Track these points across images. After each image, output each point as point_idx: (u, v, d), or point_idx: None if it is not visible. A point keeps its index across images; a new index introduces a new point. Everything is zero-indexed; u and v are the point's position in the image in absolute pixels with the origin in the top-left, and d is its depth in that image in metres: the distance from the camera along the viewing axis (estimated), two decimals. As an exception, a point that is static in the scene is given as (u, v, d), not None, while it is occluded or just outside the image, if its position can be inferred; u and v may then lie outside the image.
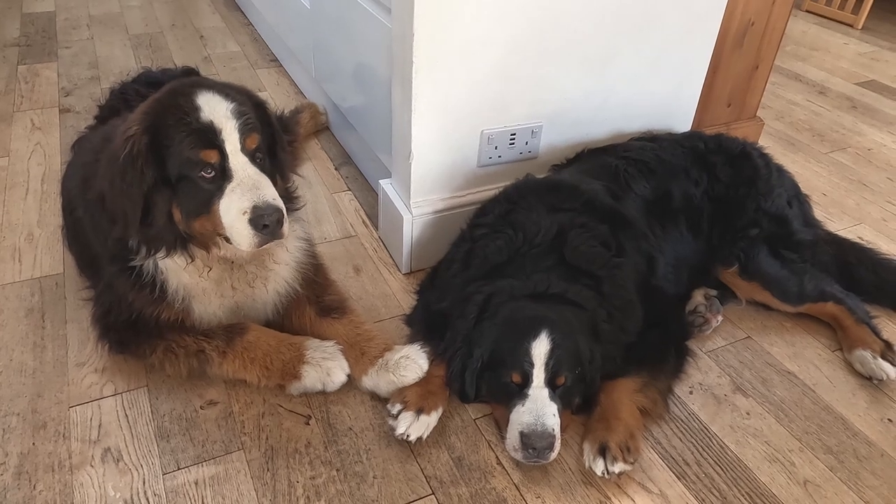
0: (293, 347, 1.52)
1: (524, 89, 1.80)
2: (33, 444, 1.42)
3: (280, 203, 1.34)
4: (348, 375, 1.52)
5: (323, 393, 1.52)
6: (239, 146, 1.33)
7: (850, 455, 1.48)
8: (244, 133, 1.34)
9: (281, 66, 3.17)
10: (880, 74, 3.49)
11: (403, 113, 1.74)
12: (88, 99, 2.72)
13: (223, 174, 1.33)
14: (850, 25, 4.13)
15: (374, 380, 1.52)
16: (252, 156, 1.35)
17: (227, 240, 1.38)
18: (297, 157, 2.41)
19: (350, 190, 2.31)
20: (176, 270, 1.45)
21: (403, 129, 1.77)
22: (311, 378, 1.49)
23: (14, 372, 1.57)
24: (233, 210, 1.32)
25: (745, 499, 1.37)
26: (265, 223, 1.31)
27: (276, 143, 1.46)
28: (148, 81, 2.09)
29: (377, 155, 2.13)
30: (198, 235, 1.40)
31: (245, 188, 1.32)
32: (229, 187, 1.32)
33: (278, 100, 2.83)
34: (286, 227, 1.37)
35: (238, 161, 1.33)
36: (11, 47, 3.20)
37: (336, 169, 2.42)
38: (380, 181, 1.99)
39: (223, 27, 3.58)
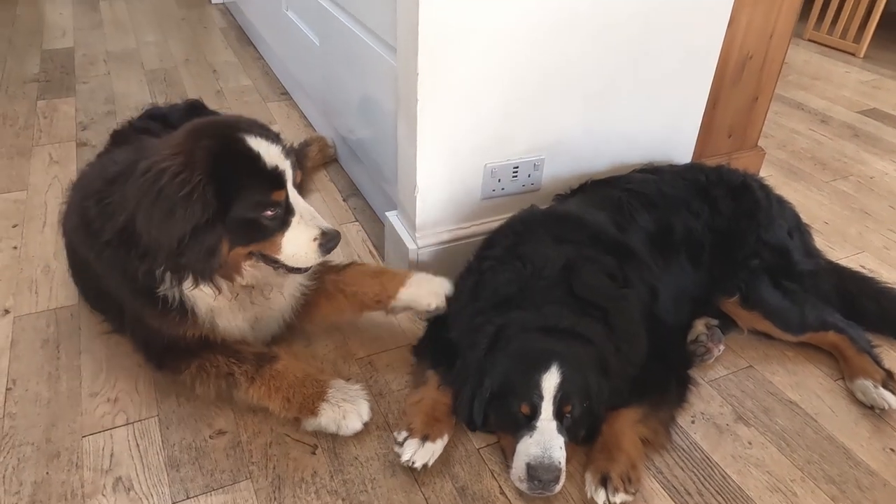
0: (317, 384, 1.55)
1: (526, 124, 1.85)
2: (47, 473, 1.45)
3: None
4: (364, 424, 1.54)
5: (336, 435, 1.53)
6: (292, 183, 1.48)
7: (853, 485, 1.48)
8: (294, 170, 1.49)
9: (291, 99, 3.25)
10: (882, 103, 3.53)
11: (408, 147, 1.80)
12: (105, 133, 2.76)
13: (286, 210, 1.46)
14: (852, 54, 4.18)
15: (413, 292, 1.68)
16: (298, 188, 1.51)
17: (270, 262, 1.50)
18: (303, 190, 2.46)
19: (358, 221, 2.36)
20: (203, 297, 1.51)
21: (409, 163, 1.82)
22: (327, 417, 1.51)
23: (29, 402, 1.61)
24: (302, 238, 1.47)
25: (747, 529, 1.39)
26: (331, 247, 1.50)
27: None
28: (152, 116, 2.18)
29: (383, 187, 2.18)
30: (230, 261, 1.46)
31: (308, 218, 1.49)
32: (294, 220, 1.47)
33: (289, 132, 2.90)
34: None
35: (294, 196, 1.48)
36: (31, 83, 3.31)
37: (344, 200, 2.48)
38: (386, 213, 2.04)
39: (235, 62, 3.68)
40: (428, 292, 1.66)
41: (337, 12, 2.25)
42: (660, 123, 2.07)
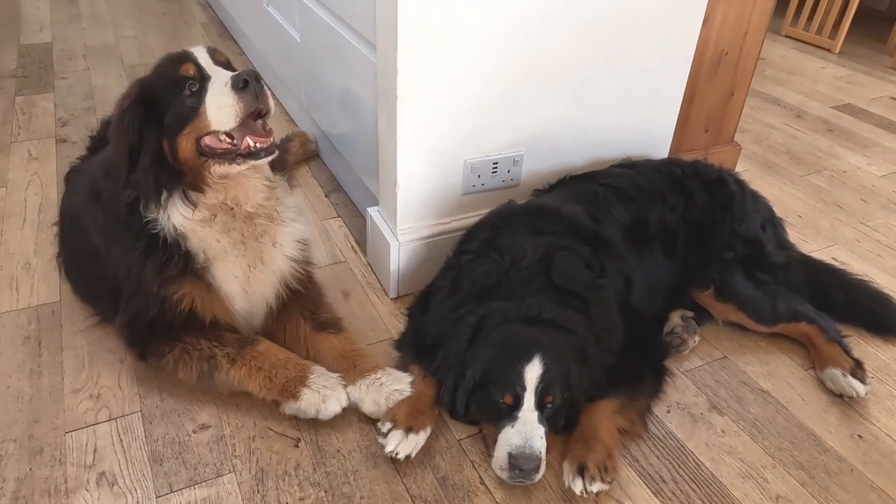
0: (299, 367, 1.57)
1: (505, 120, 1.87)
2: (30, 469, 1.46)
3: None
4: (343, 409, 1.56)
5: (315, 420, 1.56)
6: (210, 60, 1.50)
7: (821, 470, 1.53)
8: (212, 51, 1.53)
9: (273, 94, 3.24)
10: (856, 98, 3.60)
11: (389, 143, 1.81)
12: (84, 129, 2.78)
13: (203, 81, 1.47)
14: (828, 50, 4.25)
15: (361, 394, 1.58)
16: (225, 68, 1.51)
17: (215, 157, 1.48)
18: (290, 179, 2.48)
19: (339, 216, 2.37)
20: (191, 227, 1.51)
21: (389, 159, 1.84)
22: (307, 401, 1.53)
23: (11, 399, 1.62)
24: (216, 93, 1.44)
25: (720, 514, 1.43)
26: (244, 79, 1.42)
27: None
28: None
29: (365, 182, 2.20)
30: (185, 165, 1.48)
31: (221, 74, 1.47)
32: (210, 83, 1.46)
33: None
34: (269, 96, 1.49)
35: (213, 68, 1.49)
36: (9, 78, 3.27)
37: (326, 196, 2.49)
38: (367, 208, 2.05)
39: (216, 57, 3.66)
40: (371, 401, 1.57)
41: (318, 8, 2.25)
42: (637, 119, 2.11)
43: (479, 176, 1.93)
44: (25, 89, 3.18)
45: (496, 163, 1.93)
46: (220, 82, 1.45)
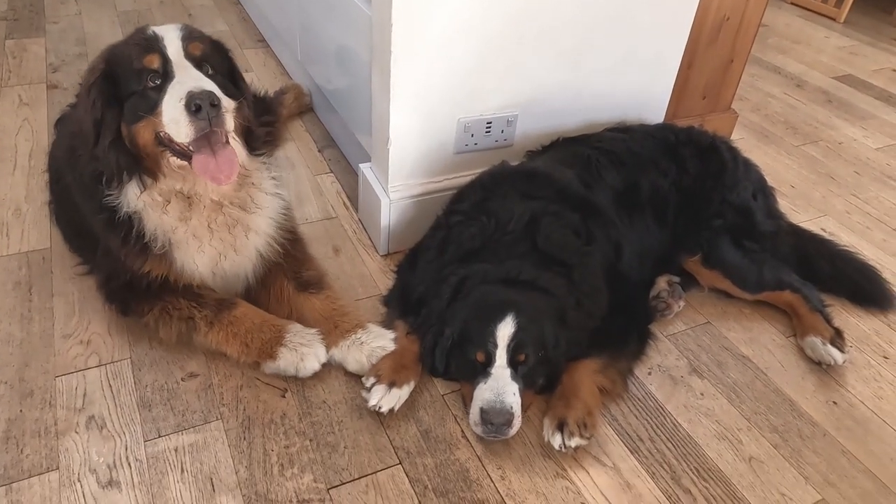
0: (275, 329, 1.59)
1: (500, 79, 1.86)
2: (21, 410, 1.49)
3: (218, 92, 1.36)
4: (322, 364, 1.58)
5: (295, 377, 1.58)
6: (182, 52, 1.40)
7: (795, 434, 1.57)
8: (187, 40, 1.41)
9: (268, 46, 3.20)
10: (858, 69, 3.56)
11: (382, 100, 1.80)
12: (76, 75, 2.74)
13: (166, 78, 1.39)
14: (833, 19, 4.19)
15: (344, 353, 1.60)
16: (198, 64, 1.41)
17: (173, 152, 1.42)
18: (278, 138, 2.46)
19: (332, 172, 2.37)
20: (146, 210, 1.49)
21: (382, 116, 1.83)
22: (286, 360, 1.56)
23: (1, 343, 1.64)
24: (172, 101, 1.35)
25: (693, 473, 1.47)
26: (197, 103, 1.32)
27: (235, 75, 1.55)
28: None
29: (358, 138, 2.18)
30: (143, 151, 1.43)
31: (184, 82, 1.36)
32: (170, 85, 1.38)
33: (264, 80, 2.87)
34: (228, 118, 1.39)
35: (181, 65, 1.39)
36: (-1, 21, 3.22)
37: (319, 151, 2.48)
38: (360, 165, 2.05)
39: (211, 5, 3.59)
40: (354, 360, 1.59)
41: (314, -42, 2.21)
42: (634, 83, 2.09)
43: (472, 135, 1.92)
44: (15, 33, 3.12)
45: (490, 122, 1.92)
46: (179, 90, 1.35)
